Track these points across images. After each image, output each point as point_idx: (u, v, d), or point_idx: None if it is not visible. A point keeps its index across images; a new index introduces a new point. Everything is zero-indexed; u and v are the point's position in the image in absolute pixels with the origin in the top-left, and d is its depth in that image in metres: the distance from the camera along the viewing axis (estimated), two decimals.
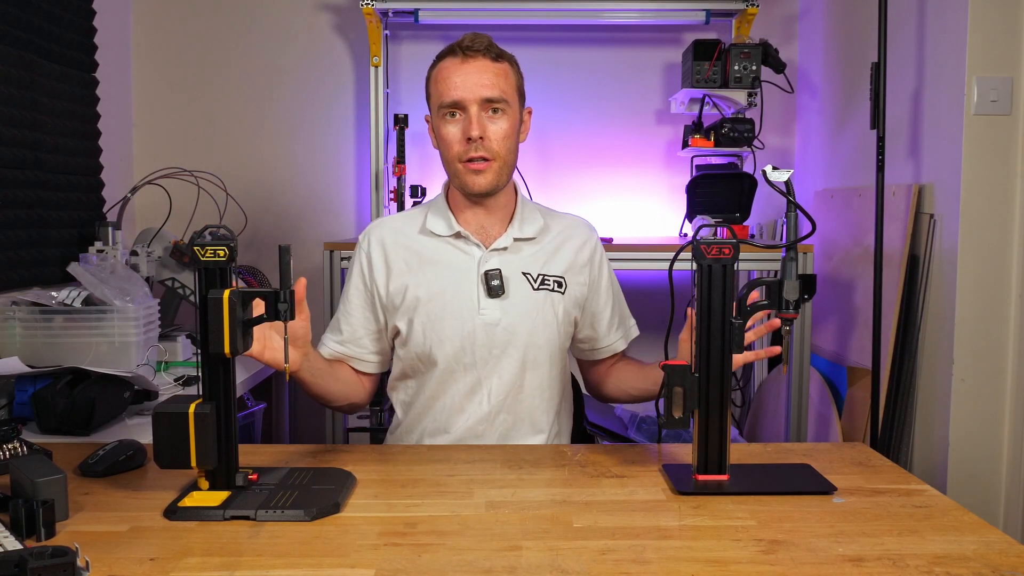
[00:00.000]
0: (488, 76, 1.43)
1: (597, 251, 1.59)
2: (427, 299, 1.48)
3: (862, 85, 2.46)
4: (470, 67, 1.43)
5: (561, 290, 1.51)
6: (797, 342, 2.40)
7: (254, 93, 3.03)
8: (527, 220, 1.54)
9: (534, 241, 1.53)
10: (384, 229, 1.55)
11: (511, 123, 1.46)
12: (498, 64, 1.45)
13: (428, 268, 1.50)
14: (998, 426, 2.08)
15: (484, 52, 1.44)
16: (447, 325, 1.47)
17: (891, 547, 0.99)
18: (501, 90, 1.43)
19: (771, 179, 1.19)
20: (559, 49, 3.03)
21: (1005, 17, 2.04)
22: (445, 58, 1.46)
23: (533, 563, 0.94)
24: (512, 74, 1.48)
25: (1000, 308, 2.08)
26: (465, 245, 1.50)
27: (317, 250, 2.55)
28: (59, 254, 2.35)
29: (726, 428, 1.20)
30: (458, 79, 1.42)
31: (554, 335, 1.51)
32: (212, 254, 1.12)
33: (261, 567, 0.93)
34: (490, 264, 1.48)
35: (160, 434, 1.09)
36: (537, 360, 1.50)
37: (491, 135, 1.43)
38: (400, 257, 1.51)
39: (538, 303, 1.49)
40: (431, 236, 1.52)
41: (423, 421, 1.52)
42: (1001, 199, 2.06)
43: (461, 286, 1.48)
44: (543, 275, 1.51)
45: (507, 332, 1.47)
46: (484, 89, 1.42)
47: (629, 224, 3.03)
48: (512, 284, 1.48)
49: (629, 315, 1.66)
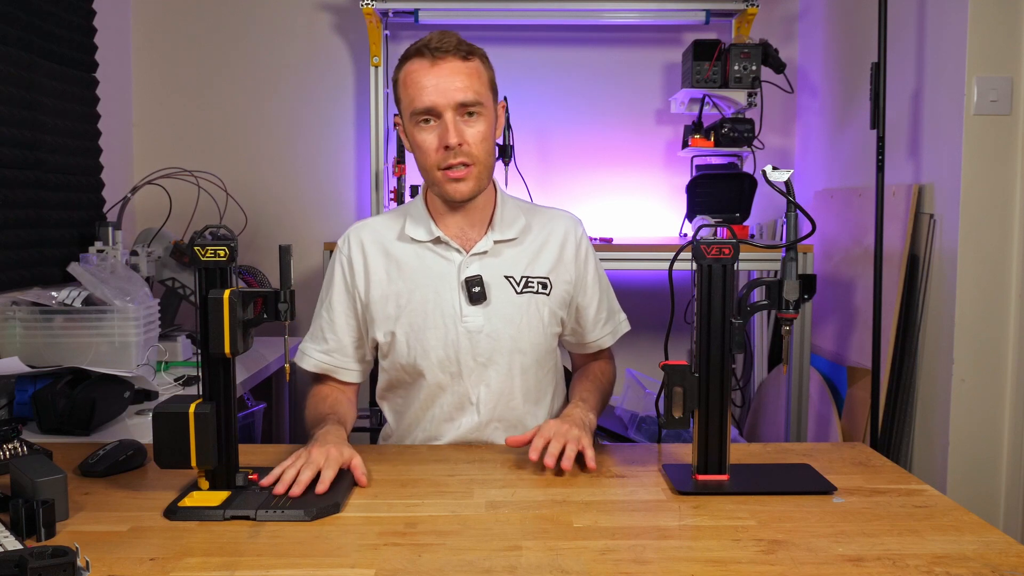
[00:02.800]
0: (460, 78, 1.36)
1: (582, 246, 1.53)
2: (409, 308, 1.44)
3: (862, 85, 2.46)
4: (441, 70, 1.35)
5: (546, 291, 1.47)
6: (797, 342, 2.40)
7: (254, 93, 3.03)
8: (507, 221, 1.48)
9: (515, 242, 1.48)
10: (364, 232, 1.51)
11: (488, 124, 1.40)
12: (469, 63, 1.38)
13: (408, 276, 1.45)
14: (998, 426, 2.08)
15: (454, 52, 1.36)
16: (430, 335, 1.43)
17: (891, 547, 0.99)
18: (475, 91, 1.37)
19: (771, 179, 1.19)
20: (559, 49, 3.03)
21: (1005, 17, 2.04)
22: (412, 59, 1.38)
23: (533, 563, 0.94)
24: (484, 71, 1.41)
25: (1000, 308, 2.08)
26: (445, 251, 1.46)
27: (317, 250, 2.55)
28: (59, 254, 2.35)
29: (726, 428, 1.20)
30: (429, 84, 1.35)
31: (540, 338, 1.47)
32: (212, 254, 1.12)
33: (261, 567, 0.93)
34: (471, 270, 1.44)
35: (160, 434, 1.09)
36: (525, 365, 1.47)
37: (469, 139, 1.37)
38: (380, 264, 1.47)
39: (522, 307, 1.45)
40: (410, 242, 1.47)
41: (414, 431, 1.51)
42: (1001, 199, 2.06)
43: (442, 294, 1.44)
44: (526, 277, 1.46)
45: (491, 339, 1.43)
46: (458, 93, 1.35)
47: (629, 224, 3.03)
48: (494, 289, 1.44)
49: (619, 310, 1.61)
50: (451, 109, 1.36)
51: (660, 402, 1.22)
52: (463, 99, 1.36)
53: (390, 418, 1.56)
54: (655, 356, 2.84)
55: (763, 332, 2.95)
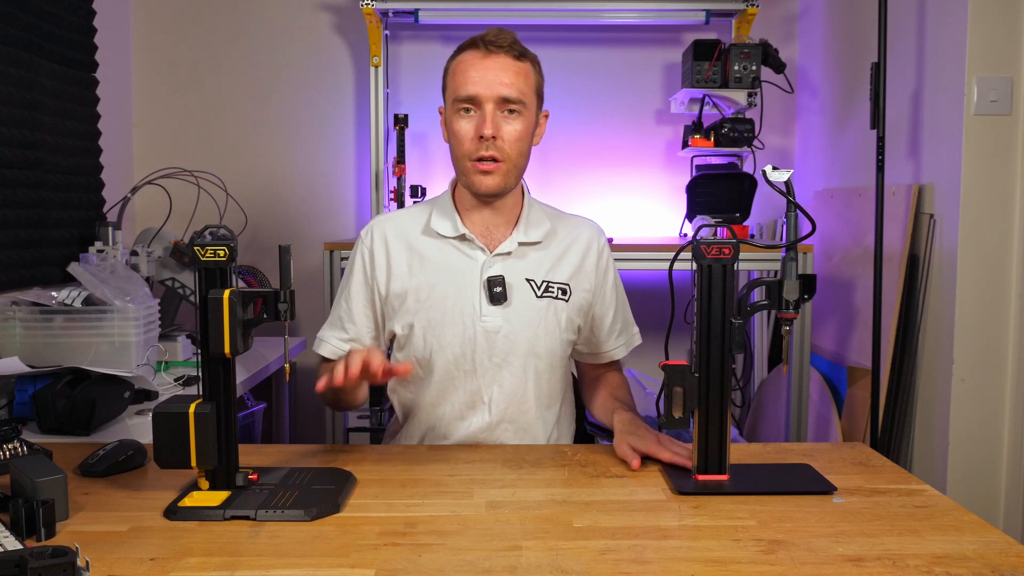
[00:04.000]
0: (508, 74, 1.39)
1: (603, 255, 1.55)
2: (428, 303, 1.45)
3: (862, 85, 2.46)
4: (491, 63, 1.39)
5: (565, 297, 1.48)
6: (797, 342, 2.40)
7: (254, 93, 3.03)
8: (533, 224, 1.50)
9: (540, 246, 1.49)
10: (388, 225, 1.51)
11: (526, 125, 1.42)
12: (520, 63, 1.41)
13: (430, 271, 1.47)
14: (998, 426, 2.08)
15: (507, 49, 1.39)
16: (448, 331, 1.44)
17: (891, 547, 0.99)
18: (520, 90, 1.39)
19: (771, 179, 1.19)
20: (559, 49, 3.03)
21: (1005, 17, 2.04)
22: (466, 50, 1.42)
23: (533, 563, 0.94)
24: (533, 74, 1.44)
25: (1000, 308, 2.08)
26: (469, 248, 1.47)
27: (317, 250, 2.55)
28: (59, 254, 2.35)
29: (726, 428, 1.20)
30: (477, 74, 1.38)
31: (556, 344, 1.48)
32: (212, 254, 1.12)
33: (261, 567, 0.93)
34: (493, 270, 1.45)
35: (160, 434, 1.09)
36: (538, 369, 1.47)
37: (504, 135, 1.39)
38: (402, 257, 1.48)
39: (540, 311, 1.46)
40: (435, 236, 1.48)
41: (422, 428, 1.51)
42: (1001, 199, 2.06)
43: (463, 291, 1.45)
44: (547, 282, 1.47)
45: (508, 340, 1.44)
46: (503, 87, 1.38)
47: (629, 224, 3.03)
48: (515, 291, 1.45)
49: (632, 322, 1.62)
50: (492, 102, 1.38)
51: (660, 402, 1.22)
52: (507, 94, 1.38)
53: (399, 412, 1.56)
54: (655, 356, 2.82)
55: (763, 332, 2.95)
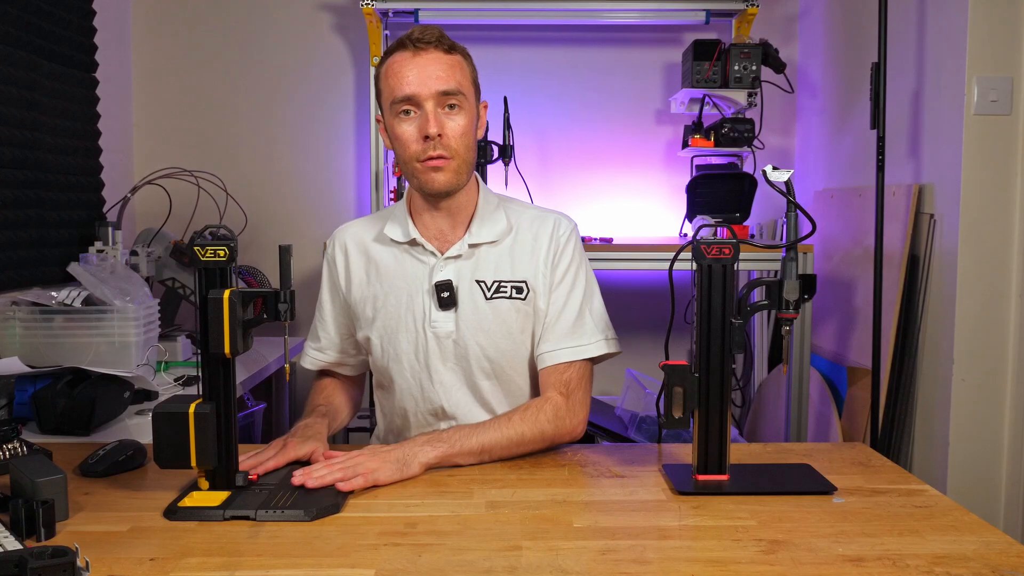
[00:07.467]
0: (442, 68, 1.34)
1: (556, 245, 1.44)
2: (384, 311, 1.44)
3: (862, 85, 2.46)
4: (422, 59, 1.34)
5: (521, 296, 1.41)
6: (797, 342, 2.40)
7: (254, 93, 3.03)
8: (487, 222, 1.44)
9: (494, 244, 1.43)
10: (346, 235, 1.50)
11: (468, 119, 1.38)
12: (451, 56, 1.37)
13: (385, 279, 1.44)
14: (998, 426, 2.08)
15: (436, 44, 1.35)
16: (402, 338, 1.43)
17: (891, 547, 0.99)
18: (456, 82, 1.35)
19: (771, 179, 1.19)
20: (559, 49, 3.03)
21: (1005, 17, 2.04)
22: (395, 53, 1.37)
23: (533, 563, 0.94)
24: (466, 66, 1.40)
25: (1000, 308, 2.08)
26: (420, 253, 1.43)
27: (317, 250, 2.54)
28: (59, 254, 2.35)
29: (726, 428, 1.20)
30: (411, 74, 1.34)
31: (509, 346, 1.41)
32: (212, 254, 1.12)
33: (261, 567, 0.93)
34: (443, 274, 1.41)
35: (160, 434, 1.09)
36: (497, 372, 1.42)
37: (449, 132, 1.35)
38: (360, 266, 1.47)
39: (489, 313, 1.40)
40: (388, 244, 1.45)
41: (393, 436, 1.51)
42: (1001, 199, 2.06)
43: (414, 297, 1.42)
44: (499, 282, 1.41)
45: (459, 345, 1.41)
46: (438, 82, 1.34)
47: (629, 224, 3.03)
48: (463, 294, 1.41)
49: (595, 331, 1.42)
50: (432, 99, 1.34)
51: (660, 402, 1.22)
52: (444, 87, 1.34)
53: (379, 419, 1.57)
54: (655, 356, 2.84)
55: (763, 332, 2.95)
